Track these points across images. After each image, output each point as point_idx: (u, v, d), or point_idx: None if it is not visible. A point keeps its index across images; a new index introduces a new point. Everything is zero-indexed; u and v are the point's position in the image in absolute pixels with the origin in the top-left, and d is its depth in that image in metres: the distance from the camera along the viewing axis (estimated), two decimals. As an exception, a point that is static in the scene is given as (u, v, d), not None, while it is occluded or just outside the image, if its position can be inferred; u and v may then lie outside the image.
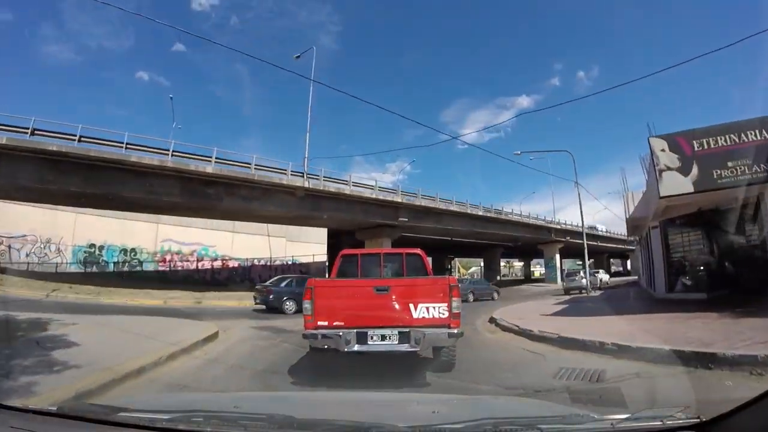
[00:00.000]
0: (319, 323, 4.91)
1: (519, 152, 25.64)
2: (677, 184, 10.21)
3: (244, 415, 1.66)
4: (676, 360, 5.63)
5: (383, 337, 4.85)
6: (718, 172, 9.94)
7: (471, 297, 21.33)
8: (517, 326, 8.90)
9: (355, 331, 4.84)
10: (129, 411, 1.57)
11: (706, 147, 10.21)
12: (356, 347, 4.83)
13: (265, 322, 11.55)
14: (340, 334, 4.80)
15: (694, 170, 10.22)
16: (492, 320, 11.02)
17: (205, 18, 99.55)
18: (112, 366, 5.16)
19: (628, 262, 77.32)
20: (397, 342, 4.83)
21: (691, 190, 10.16)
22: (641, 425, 1.40)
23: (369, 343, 4.84)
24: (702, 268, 13.61)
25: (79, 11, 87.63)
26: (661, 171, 10.30)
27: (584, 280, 26.18)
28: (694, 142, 10.30)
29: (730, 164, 9.88)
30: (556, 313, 11.98)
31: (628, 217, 16.92)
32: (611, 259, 77.84)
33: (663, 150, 10.48)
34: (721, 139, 10.09)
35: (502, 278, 61.68)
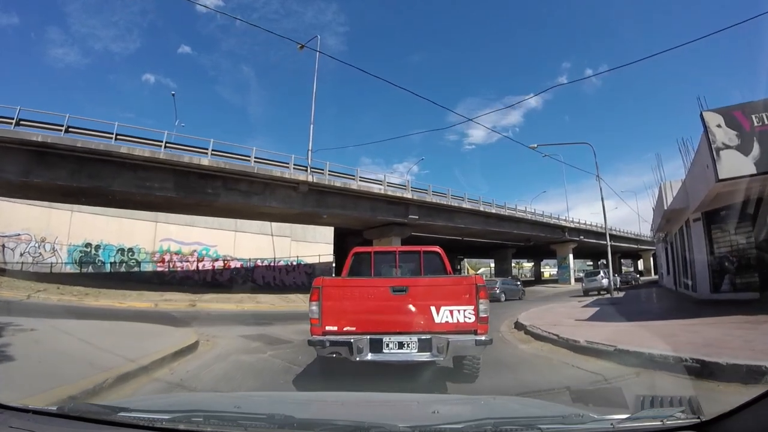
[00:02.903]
0: (328, 328, 4.32)
1: (535, 145, 23.86)
2: (737, 165, 8.78)
3: (244, 415, 1.65)
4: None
5: (401, 345, 4.22)
6: (782, 150, 8.54)
7: (503, 297, 22.28)
8: (555, 335, 7.41)
9: (368, 337, 4.23)
10: (129, 411, 1.55)
11: (767, 122, 8.80)
12: (369, 356, 4.20)
13: (259, 329, 10.16)
14: (352, 341, 4.19)
15: (755, 149, 8.82)
16: (519, 326, 9.56)
17: (210, 18, 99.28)
18: (35, 394, 3.84)
19: (640, 262, 75.23)
20: (416, 350, 4.20)
21: (753, 171, 8.75)
22: (641, 425, 1.38)
23: (384, 351, 4.22)
24: (753, 264, 12.04)
25: (85, 14, 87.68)
26: (718, 149, 8.85)
27: (605, 281, 24.83)
28: (753, 116, 8.94)
29: (794, 142, 8.52)
30: (592, 318, 10.46)
31: (665, 209, 15.30)
32: (622, 260, 75.75)
33: (719, 126, 9.03)
34: (783, 112, 8.70)
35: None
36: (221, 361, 6.08)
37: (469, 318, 4.27)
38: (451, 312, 4.28)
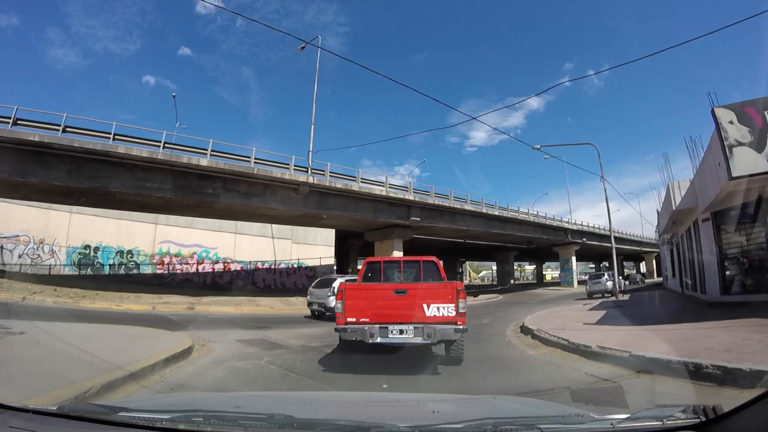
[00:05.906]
0: (348, 319, 5.87)
1: (539, 146, 23.57)
2: (751, 163, 8.49)
3: (244, 415, 1.65)
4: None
5: (401, 331, 5.76)
6: (796, 147, 8.30)
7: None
8: (565, 339, 7.11)
9: (378, 326, 5.78)
10: (129, 411, 1.55)
11: (780, 118, 8.56)
12: (379, 339, 5.74)
13: (257, 333, 9.87)
14: (366, 328, 5.77)
15: (769, 146, 8.53)
16: (525, 330, 9.26)
17: (210, 20, 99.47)
18: (12, 403, 3.54)
19: (642, 265, 74.66)
20: (412, 335, 5.74)
21: (767, 169, 8.46)
22: (641, 425, 1.38)
23: (389, 336, 5.76)
24: (764, 265, 11.72)
25: (85, 14, 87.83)
26: (731, 147, 8.56)
27: (610, 283, 24.57)
28: (766, 112, 8.64)
29: (808, 139, 8.29)
30: (600, 322, 10.13)
31: (674, 209, 14.96)
32: (624, 262, 75.25)
33: (731, 122, 8.74)
34: (796, 108, 8.48)
35: (515, 282, 59.58)
36: (215, 368, 5.80)
37: (451, 313, 5.70)
38: (438, 308, 5.72)
